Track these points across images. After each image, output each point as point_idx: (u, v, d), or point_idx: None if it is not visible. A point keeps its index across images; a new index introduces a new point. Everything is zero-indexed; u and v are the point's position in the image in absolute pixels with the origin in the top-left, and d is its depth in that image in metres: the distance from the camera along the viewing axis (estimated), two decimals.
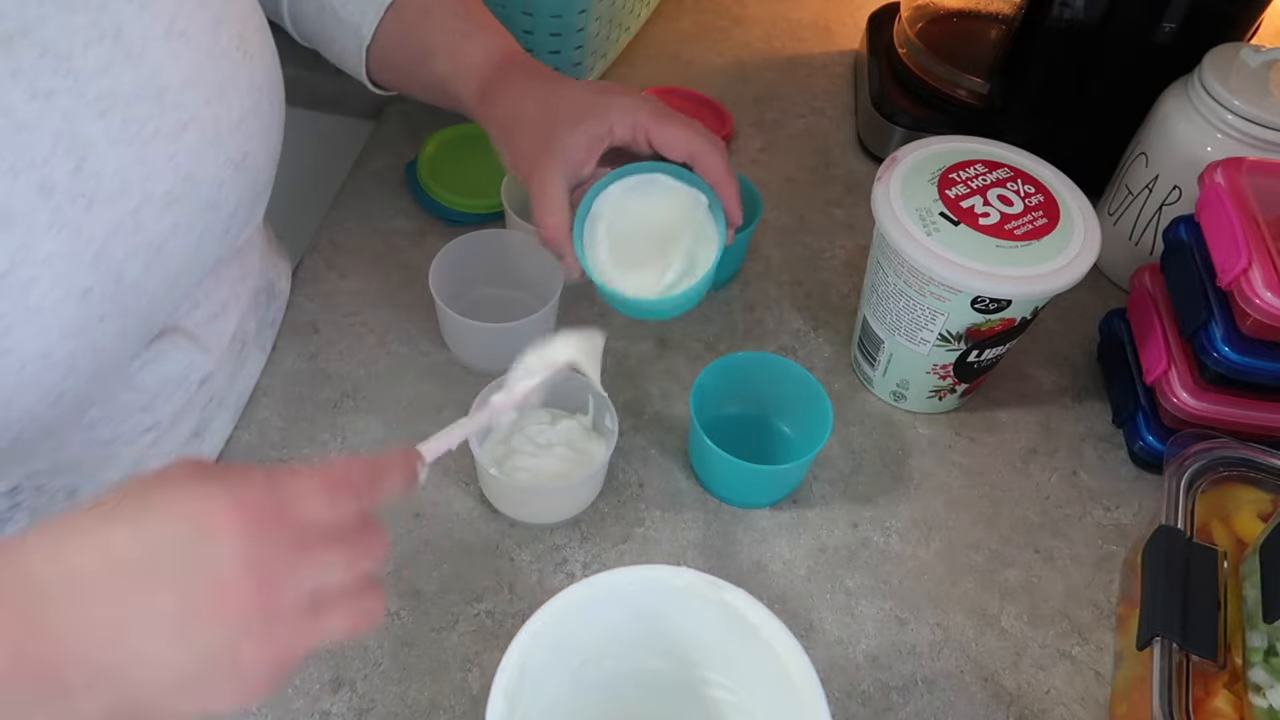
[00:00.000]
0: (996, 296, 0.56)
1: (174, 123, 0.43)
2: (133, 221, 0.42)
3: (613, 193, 0.57)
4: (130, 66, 0.41)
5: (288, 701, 0.51)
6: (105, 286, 0.41)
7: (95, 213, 0.40)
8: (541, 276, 0.66)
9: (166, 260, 0.45)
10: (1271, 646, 0.47)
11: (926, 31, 0.85)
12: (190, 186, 0.45)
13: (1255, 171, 0.59)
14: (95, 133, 0.40)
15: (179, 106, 0.43)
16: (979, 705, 0.54)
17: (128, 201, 0.42)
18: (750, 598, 0.41)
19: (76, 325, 0.41)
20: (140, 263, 0.43)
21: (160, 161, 0.43)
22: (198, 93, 0.44)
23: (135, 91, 0.41)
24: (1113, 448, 0.67)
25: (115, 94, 0.40)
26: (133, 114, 0.41)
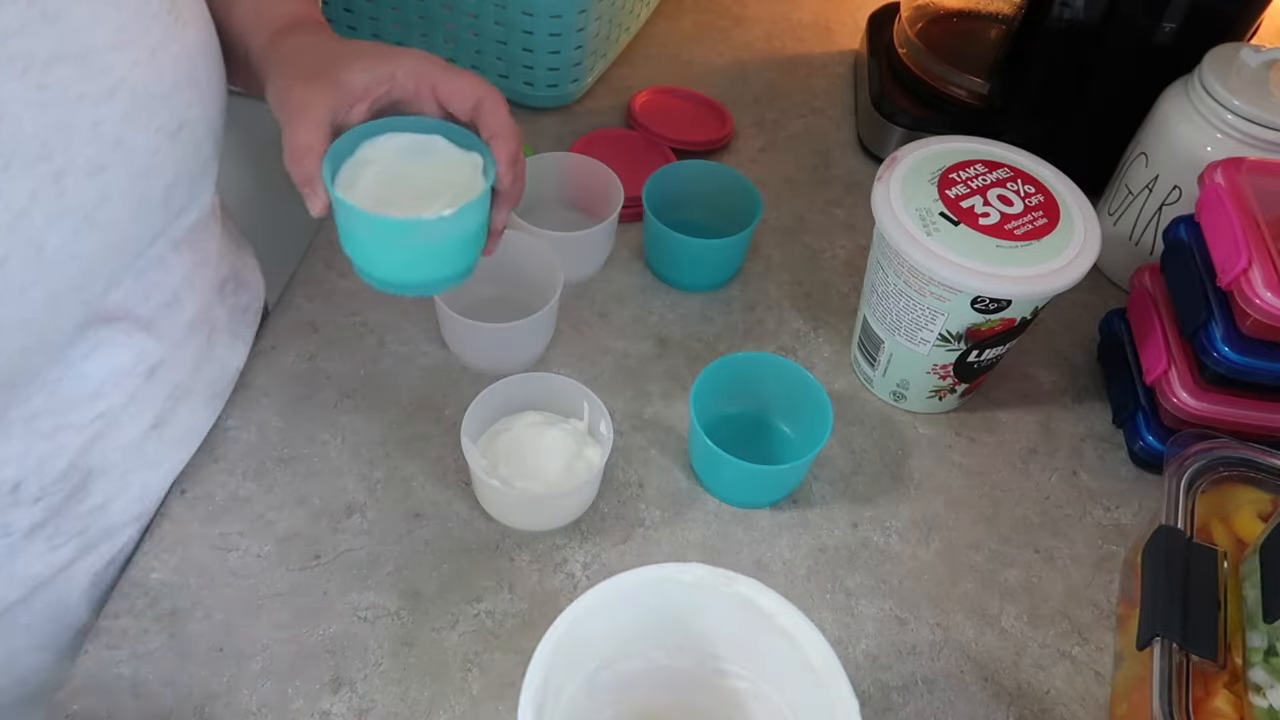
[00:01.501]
0: (996, 296, 0.56)
1: (100, 87, 0.42)
2: (55, 188, 0.41)
3: (384, 143, 0.51)
4: (47, 27, 0.39)
5: (287, 701, 0.51)
6: (24, 255, 0.40)
7: (11, 176, 0.39)
8: (541, 276, 0.66)
9: (99, 230, 0.44)
10: (1271, 646, 0.47)
11: (926, 31, 0.85)
12: (120, 154, 0.43)
13: (1255, 171, 0.59)
14: (10, 94, 0.38)
15: (106, 70, 0.42)
16: (979, 705, 0.54)
17: (48, 166, 0.40)
18: (762, 586, 0.41)
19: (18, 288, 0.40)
20: (66, 231, 0.42)
21: (84, 126, 0.41)
22: (125, 55, 0.43)
23: (54, 52, 0.40)
24: (1113, 448, 0.67)
25: (32, 54, 0.39)
26: (52, 76, 0.40)
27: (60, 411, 0.49)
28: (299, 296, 0.70)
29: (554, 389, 0.61)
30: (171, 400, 0.57)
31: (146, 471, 0.56)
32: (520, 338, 0.65)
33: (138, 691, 0.51)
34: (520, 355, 0.67)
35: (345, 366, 0.66)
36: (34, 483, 0.50)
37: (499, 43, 0.80)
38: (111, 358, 0.50)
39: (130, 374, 0.52)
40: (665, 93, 0.87)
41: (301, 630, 0.54)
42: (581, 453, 0.59)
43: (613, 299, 0.72)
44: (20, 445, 0.48)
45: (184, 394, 0.58)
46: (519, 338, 0.65)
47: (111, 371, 0.51)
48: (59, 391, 0.48)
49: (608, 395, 0.66)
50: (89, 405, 0.51)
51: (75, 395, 0.49)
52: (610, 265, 0.74)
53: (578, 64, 0.82)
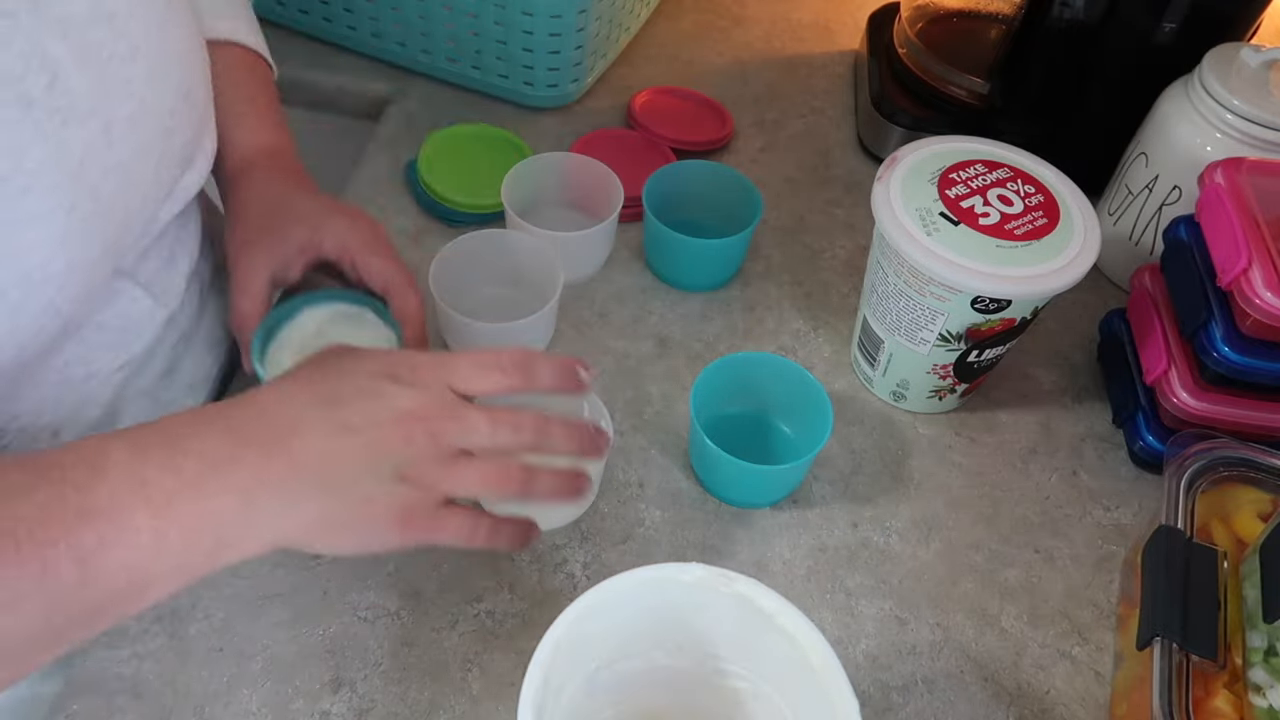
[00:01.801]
0: (996, 296, 0.56)
1: (125, 48, 0.45)
2: (104, 140, 0.44)
3: (316, 311, 0.57)
4: None
5: (287, 701, 0.51)
6: (85, 203, 0.43)
7: (71, 129, 0.42)
8: (541, 276, 0.66)
9: (135, 182, 0.47)
10: (1271, 646, 0.47)
11: (926, 31, 0.85)
12: (146, 112, 0.47)
13: (1255, 171, 0.59)
14: (60, 52, 0.41)
15: (127, 33, 0.45)
16: (979, 705, 0.54)
17: (97, 121, 0.43)
18: (762, 586, 0.41)
19: (66, 238, 0.42)
20: (114, 183, 0.45)
21: (119, 84, 0.45)
22: (142, 21, 0.46)
23: (88, 15, 0.43)
24: (1113, 448, 0.67)
25: (70, 17, 0.42)
26: (89, 37, 0.43)
27: (89, 360, 0.52)
28: None
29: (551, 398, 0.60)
30: (179, 350, 0.60)
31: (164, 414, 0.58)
32: (520, 337, 0.65)
33: (138, 691, 0.51)
34: None
35: None
36: (70, 430, 0.52)
37: (499, 43, 0.80)
38: (129, 309, 0.53)
39: (146, 325, 0.55)
40: (665, 93, 0.87)
41: (301, 630, 0.54)
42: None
43: (613, 299, 0.72)
44: (55, 392, 0.51)
45: (188, 343, 0.61)
46: (519, 337, 0.65)
47: (130, 322, 0.54)
48: (88, 340, 0.51)
49: (608, 395, 0.66)
50: (115, 354, 0.53)
51: (102, 343, 0.52)
52: (610, 265, 0.74)
53: (578, 64, 0.82)
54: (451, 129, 0.79)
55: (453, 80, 0.86)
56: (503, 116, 0.84)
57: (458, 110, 0.85)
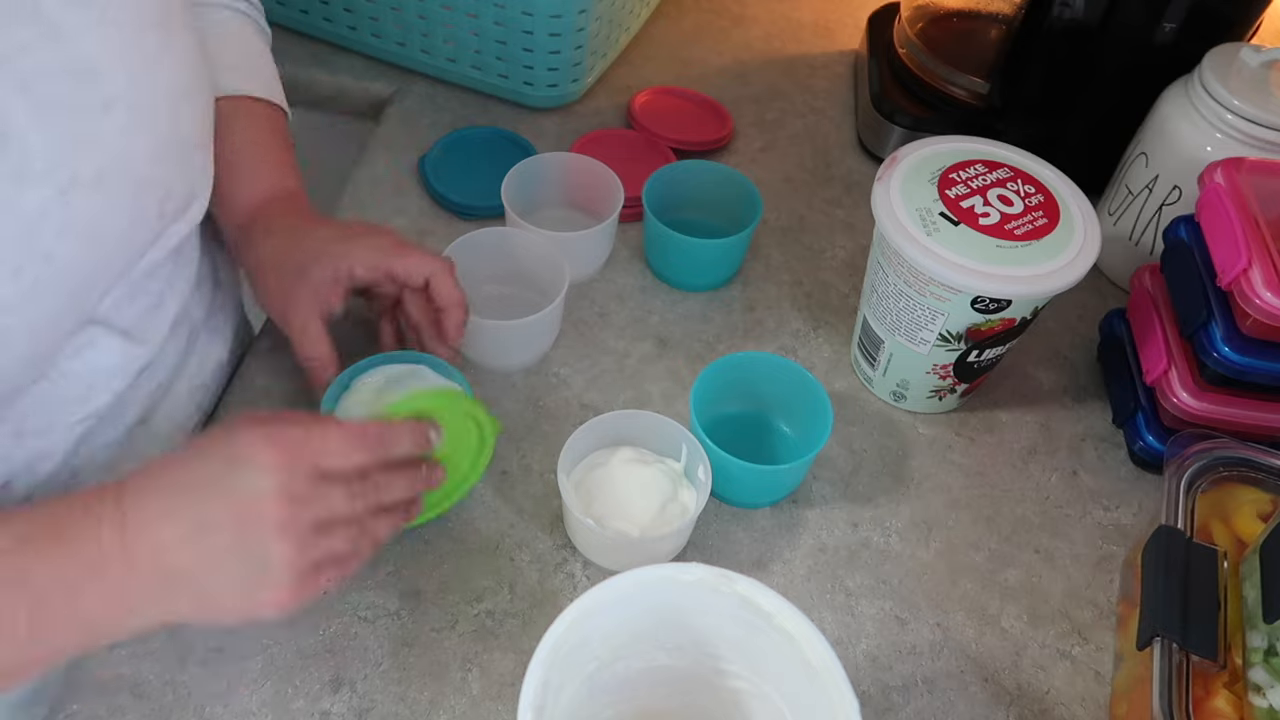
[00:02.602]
0: (996, 296, 0.56)
1: (98, 100, 0.43)
2: (62, 200, 0.42)
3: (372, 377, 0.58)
4: (49, 45, 0.41)
5: (288, 701, 0.51)
6: (36, 267, 0.41)
7: (23, 190, 0.40)
8: (546, 274, 0.66)
9: (99, 241, 0.45)
10: (1271, 646, 0.47)
11: (926, 31, 0.85)
12: (118, 165, 0.45)
13: (1255, 171, 0.59)
14: (16, 108, 0.39)
15: (104, 84, 0.43)
16: (979, 705, 0.54)
17: (56, 179, 0.41)
18: (762, 586, 0.41)
19: (8, 305, 0.41)
20: (72, 242, 0.43)
21: (86, 139, 0.43)
22: (122, 71, 0.44)
23: (58, 67, 0.41)
24: (1113, 448, 0.67)
25: (37, 70, 0.40)
26: (55, 90, 0.41)
27: (49, 412, 0.50)
28: None
29: (652, 426, 0.59)
30: (155, 398, 0.57)
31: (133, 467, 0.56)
32: (526, 335, 0.65)
33: (138, 691, 0.51)
34: (526, 353, 0.66)
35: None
36: (23, 481, 0.50)
37: (499, 43, 0.80)
38: (98, 360, 0.51)
39: (117, 375, 0.53)
40: (665, 93, 0.87)
41: (301, 630, 0.54)
42: (677, 495, 0.58)
43: (613, 299, 0.72)
44: (8, 445, 0.49)
45: (166, 391, 0.58)
46: (525, 335, 0.64)
47: (99, 373, 0.52)
48: (48, 393, 0.49)
49: (608, 395, 0.66)
50: (78, 406, 0.51)
51: (64, 396, 0.50)
52: (610, 265, 0.74)
53: (578, 64, 0.82)
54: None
55: (453, 80, 0.86)
56: (503, 116, 0.84)
57: (458, 110, 0.85)
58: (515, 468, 0.62)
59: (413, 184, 0.78)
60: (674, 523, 0.56)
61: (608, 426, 0.58)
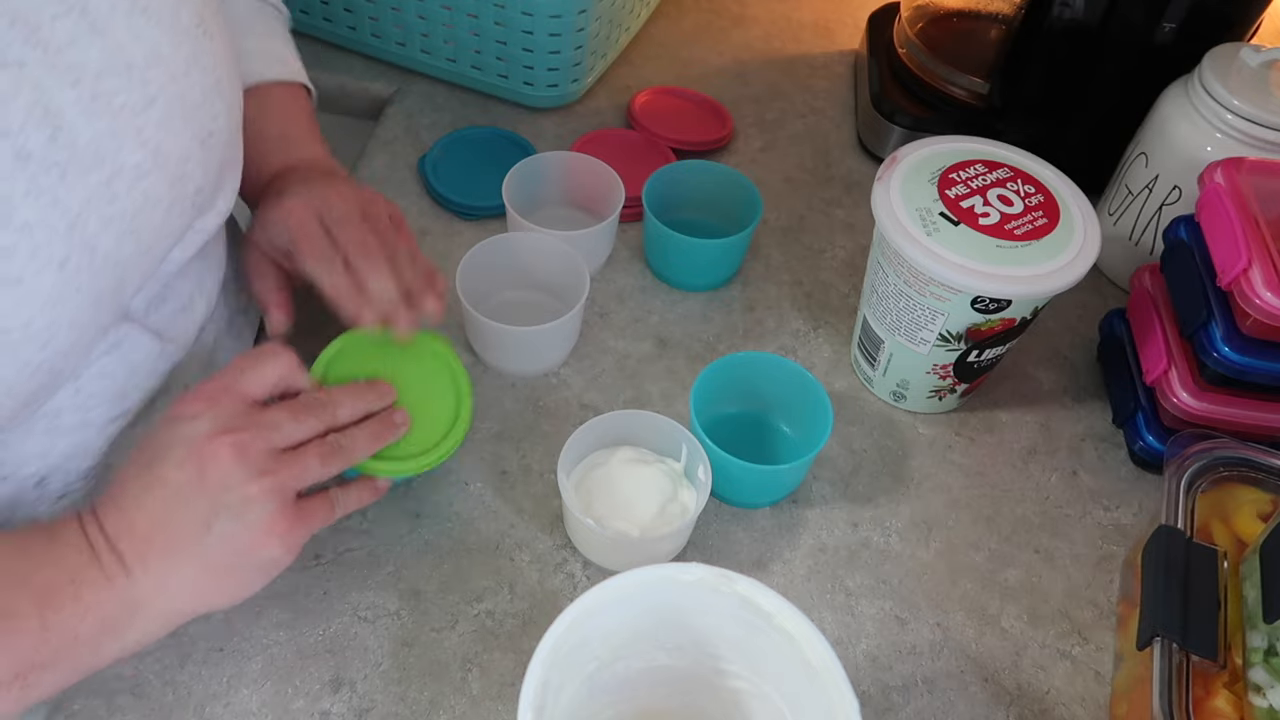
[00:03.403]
0: (996, 296, 0.56)
1: (141, 97, 0.44)
2: (107, 192, 0.43)
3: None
4: (97, 40, 0.42)
5: (287, 701, 0.51)
6: (81, 258, 0.42)
7: (70, 182, 0.41)
8: (564, 279, 0.66)
9: (138, 233, 0.46)
10: (1271, 646, 0.47)
11: (926, 31, 0.85)
12: (159, 160, 0.46)
13: (1255, 171, 0.59)
14: (66, 102, 0.41)
15: (145, 81, 0.44)
16: (979, 705, 0.54)
17: (101, 172, 0.43)
18: (762, 586, 0.41)
19: (56, 295, 0.42)
20: (114, 234, 0.44)
21: (130, 134, 0.44)
22: (162, 68, 0.45)
23: (103, 65, 0.42)
24: (1113, 448, 0.67)
25: (84, 66, 0.41)
26: (101, 86, 0.42)
27: (84, 409, 0.50)
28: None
29: (652, 426, 0.59)
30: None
31: None
32: (548, 341, 0.64)
33: (138, 691, 0.51)
34: (549, 357, 0.66)
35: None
36: (58, 479, 0.51)
37: (499, 43, 0.80)
38: (131, 358, 0.52)
39: (149, 374, 0.54)
40: (665, 93, 0.87)
41: (301, 630, 0.54)
42: (677, 495, 0.58)
43: (613, 299, 0.72)
44: (44, 442, 0.50)
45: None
46: (547, 341, 0.64)
47: (132, 372, 0.52)
48: (83, 390, 0.50)
49: (608, 395, 0.66)
50: (112, 404, 0.52)
51: (98, 394, 0.51)
52: (610, 265, 0.74)
53: (578, 64, 0.82)
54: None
55: (453, 80, 0.86)
56: (503, 116, 0.84)
57: (458, 110, 0.85)
58: (515, 468, 0.62)
59: (413, 184, 0.78)
60: (674, 523, 0.56)
61: (608, 426, 0.58)
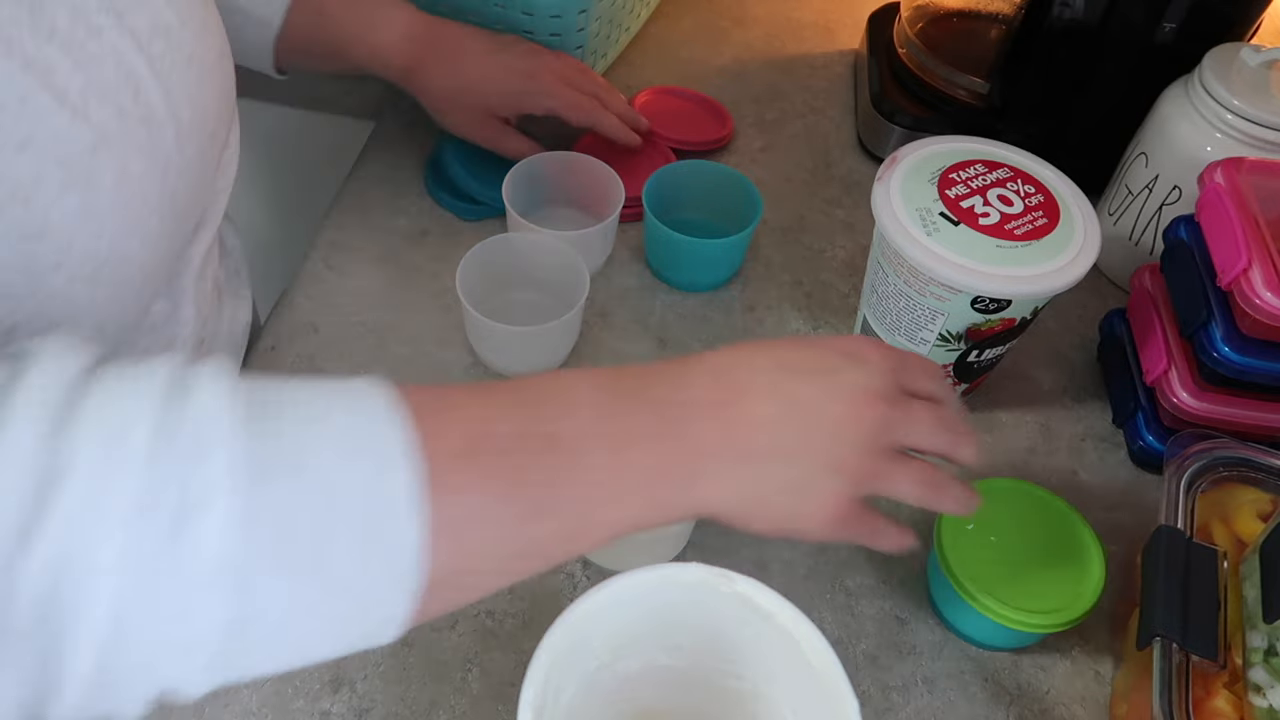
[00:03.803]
0: (996, 296, 0.56)
1: (182, 58, 0.46)
2: (177, 145, 0.46)
3: None
4: (143, 7, 0.44)
5: (287, 701, 0.51)
6: (167, 206, 0.45)
7: (154, 138, 0.44)
8: (564, 279, 0.66)
9: (195, 185, 0.49)
10: (1271, 646, 0.47)
11: (926, 31, 0.85)
12: (201, 117, 0.48)
13: (1255, 171, 0.59)
14: (138, 63, 0.43)
15: (182, 44, 0.47)
16: (979, 705, 0.54)
17: (171, 128, 0.45)
18: (762, 586, 0.41)
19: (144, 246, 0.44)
20: (184, 186, 0.47)
21: (180, 92, 0.46)
22: (189, 31, 0.47)
23: (150, 28, 0.44)
24: (1113, 448, 0.67)
25: (138, 31, 0.44)
26: (154, 49, 0.44)
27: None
28: (299, 296, 0.70)
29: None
30: (200, 354, 0.59)
31: None
32: (548, 341, 0.64)
33: None
34: (549, 357, 0.66)
35: (345, 366, 0.66)
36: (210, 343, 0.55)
37: None
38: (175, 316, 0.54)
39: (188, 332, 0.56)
40: (665, 93, 0.87)
41: None
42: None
43: (613, 299, 0.72)
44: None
45: (212, 349, 0.61)
46: (547, 340, 0.64)
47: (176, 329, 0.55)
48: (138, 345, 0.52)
49: None
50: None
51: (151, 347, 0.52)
52: (610, 265, 0.74)
53: None
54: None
55: None
56: None
57: None
58: None
59: (413, 184, 0.78)
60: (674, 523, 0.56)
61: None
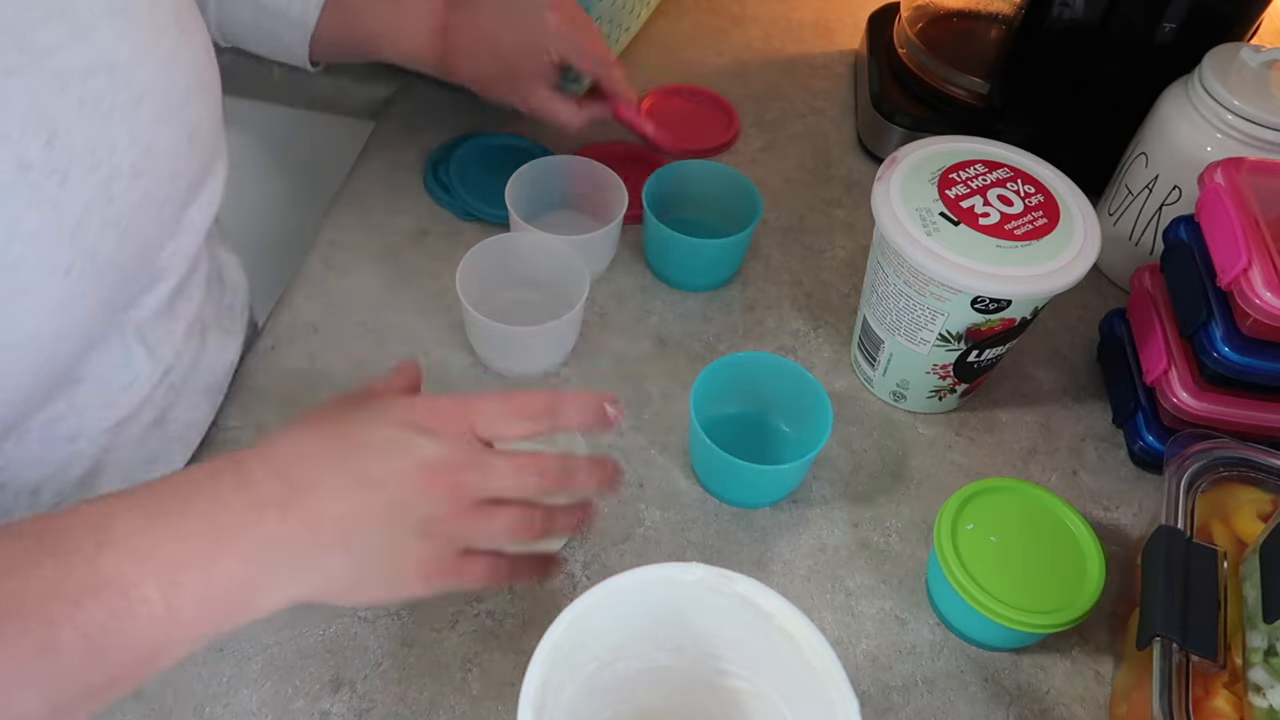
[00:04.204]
0: (996, 296, 0.56)
1: (128, 96, 0.44)
2: (105, 195, 0.43)
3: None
4: (80, 42, 0.42)
5: (287, 701, 0.51)
6: (84, 263, 0.42)
7: (70, 188, 0.41)
8: (563, 279, 0.66)
9: (136, 234, 0.46)
10: (1271, 646, 0.47)
11: (926, 31, 0.85)
12: (151, 159, 0.46)
13: (1255, 171, 0.59)
14: (58, 108, 0.40)
15: (130, 80, 0.44)
16: (979, 705, 0.54)
17: (98, 175, 0.42)
18: (763, 586, 0.41)
19: (62, 303, 0.41)
20: (114, 237, 0.44)
21: (122, 134, 0.44)
22: (145, 67, 0.45)
23: (89, 66, 0.42)
24: (1113, 448, 0.67)
25: (70, 70, 0.41)
26: (89, 89, 0.42)
27: (79, 417, 0.50)
28: (299, 296, 0.70)
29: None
30: (170, 399, 0.57)
31: (148, 467, 0.57)
32: (547, 340, 0.64)
33: (138, 692, 0.51)
34: (549, 357, 0.66)
35: (345, 366, 0.66)
36: (51, 488, 0.50)
37: None
38: (126, 364, 0.51)
39: (140, 377, 0.53)
40: (671, 93, 0.87)
41: (301, 630, 0.54)
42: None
43: (613, 299, 0.72)
44: (40, 450, 0.49)
45: (181, 392, 0.58)
46: (547, 340, 0.64)
47: (128, 375, 0.52)
48: (77, 398, 0.49)
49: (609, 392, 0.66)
50: (105, 411, 0.51)
51: (94, 400, 0.50)
52: (610, 265, 0.74)
53: None
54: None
55: None
56: (502, 117, 0.84)
57: (458, 111, 0.85)
58: None
59: (413, 184, 0.78)
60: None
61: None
